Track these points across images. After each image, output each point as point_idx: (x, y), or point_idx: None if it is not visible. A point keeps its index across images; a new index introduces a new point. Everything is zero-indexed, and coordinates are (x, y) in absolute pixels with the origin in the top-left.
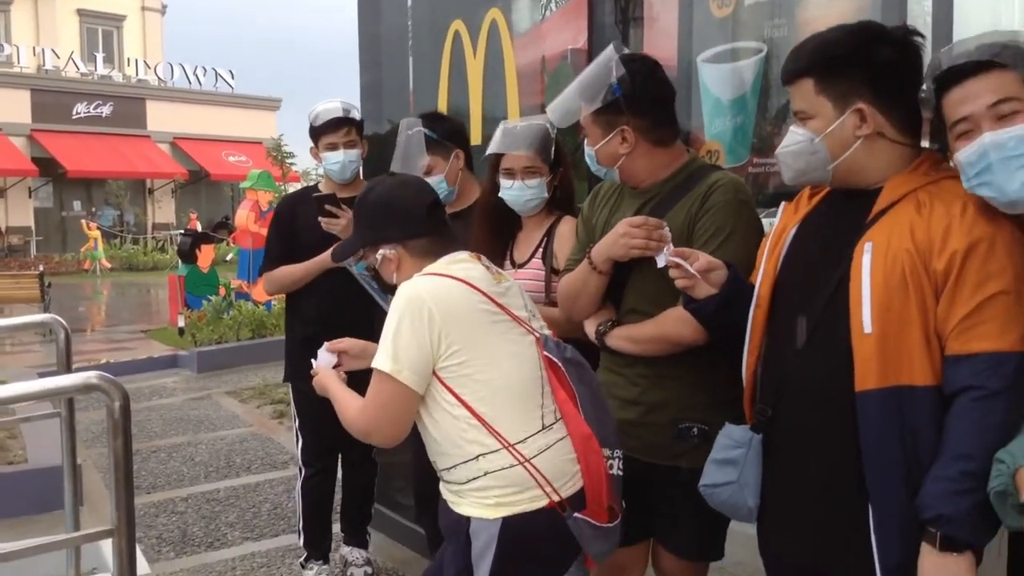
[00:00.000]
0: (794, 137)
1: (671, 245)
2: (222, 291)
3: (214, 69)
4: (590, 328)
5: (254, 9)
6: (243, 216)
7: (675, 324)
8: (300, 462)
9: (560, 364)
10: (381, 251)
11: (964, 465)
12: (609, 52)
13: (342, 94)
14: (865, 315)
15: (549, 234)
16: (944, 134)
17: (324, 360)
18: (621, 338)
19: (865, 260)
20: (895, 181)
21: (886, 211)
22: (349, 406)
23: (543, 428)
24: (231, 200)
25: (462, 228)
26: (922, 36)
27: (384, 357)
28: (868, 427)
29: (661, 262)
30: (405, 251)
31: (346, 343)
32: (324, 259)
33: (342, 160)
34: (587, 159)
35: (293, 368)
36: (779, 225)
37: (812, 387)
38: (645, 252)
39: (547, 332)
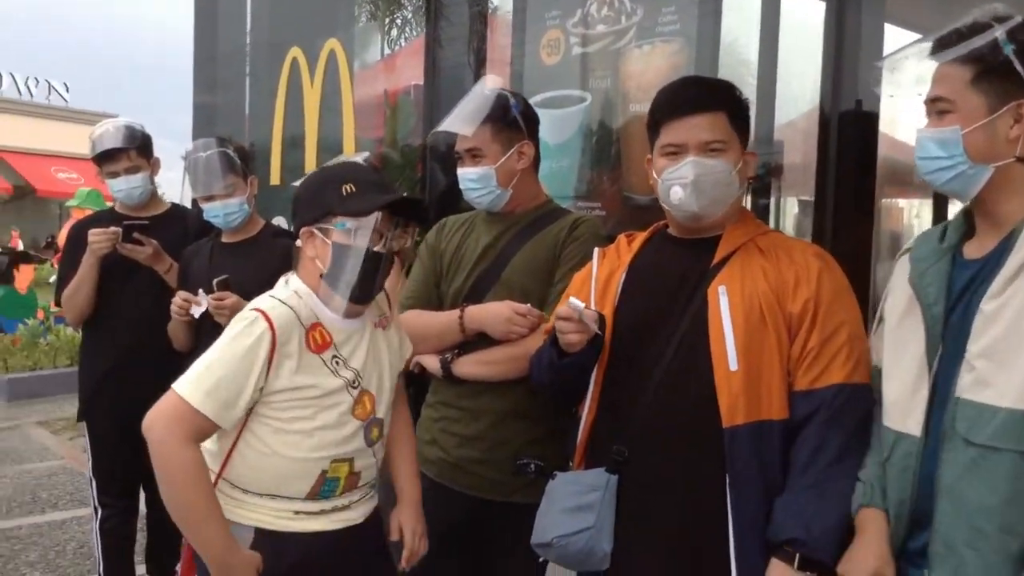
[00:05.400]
0: None
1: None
2: (40, 314)
3: (47, 80)
4: (432, 360)
5: (93, 23)
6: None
7: (532, 338)
8: (96, 502)
9: None
10: None
11: (811, 492)
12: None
13: (180, 111)
14: (731, 353)
15: None
16: None
17: None
18: (472, 363)
19: (723, 302)
20: (733, 231)
21: (728, 258)
22: None
23: None
24: (58, 219)
25: (244, 258)
26: None
27: None
28: (737, 460)
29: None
30: None
31: None
32: (89, 257)
33: (125, 188)
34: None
35: (88, 405)
36: (603, 271)
37: (672, 424)
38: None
39: None
